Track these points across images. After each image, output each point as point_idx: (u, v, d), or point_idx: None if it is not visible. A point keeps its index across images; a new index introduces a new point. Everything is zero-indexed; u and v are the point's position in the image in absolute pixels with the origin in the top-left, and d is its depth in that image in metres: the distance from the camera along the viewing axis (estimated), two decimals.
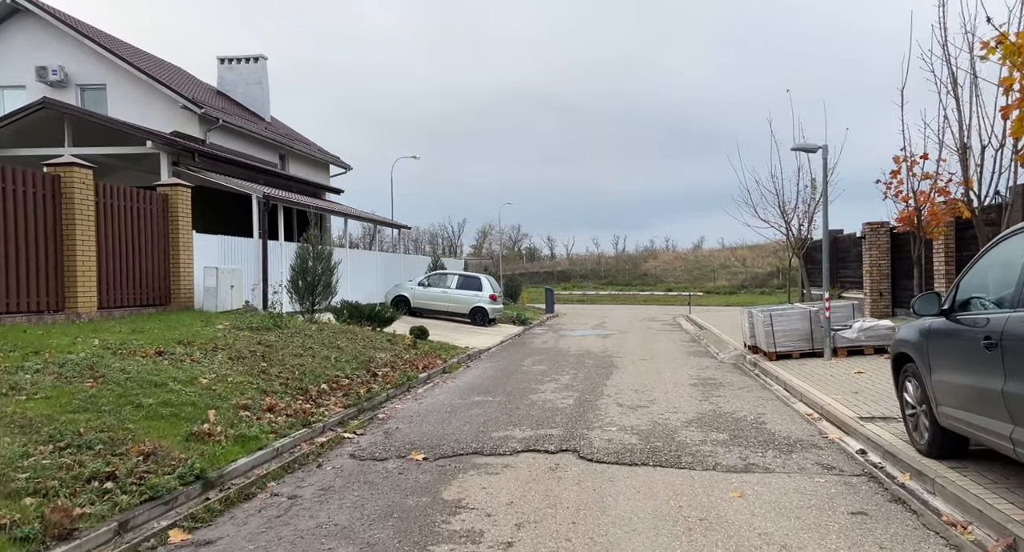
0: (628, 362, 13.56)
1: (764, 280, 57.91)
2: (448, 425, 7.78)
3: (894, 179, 12.26)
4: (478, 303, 21.92)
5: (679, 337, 19.45)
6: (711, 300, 43.11)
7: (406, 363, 11.66)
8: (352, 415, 8.10)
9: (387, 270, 24.88)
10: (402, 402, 9.30)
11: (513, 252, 79.19)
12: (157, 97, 20.32)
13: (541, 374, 11.93)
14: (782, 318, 12.24)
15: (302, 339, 10.73)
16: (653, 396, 9.61)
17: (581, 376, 11.62)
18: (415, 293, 22.26)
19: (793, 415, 8.14)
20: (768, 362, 12.06)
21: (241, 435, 6.11)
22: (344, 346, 11.13)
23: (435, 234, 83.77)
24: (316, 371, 9.17)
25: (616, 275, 64.95)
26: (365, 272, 22.94)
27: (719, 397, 9.46)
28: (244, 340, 9.68)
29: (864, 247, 18.12)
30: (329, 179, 29.82)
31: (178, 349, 8.48)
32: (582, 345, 17.08)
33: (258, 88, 26.61)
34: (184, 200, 13.11)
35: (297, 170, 26.62)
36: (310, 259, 14.36)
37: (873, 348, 11.79)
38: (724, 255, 67.34)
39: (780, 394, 9.60)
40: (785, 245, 58.66)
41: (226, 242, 14.79)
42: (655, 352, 15.43)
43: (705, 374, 11.80)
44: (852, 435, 6.77)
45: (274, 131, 25.53)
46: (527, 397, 9.58)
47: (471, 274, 23.02)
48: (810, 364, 11.45)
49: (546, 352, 15.59)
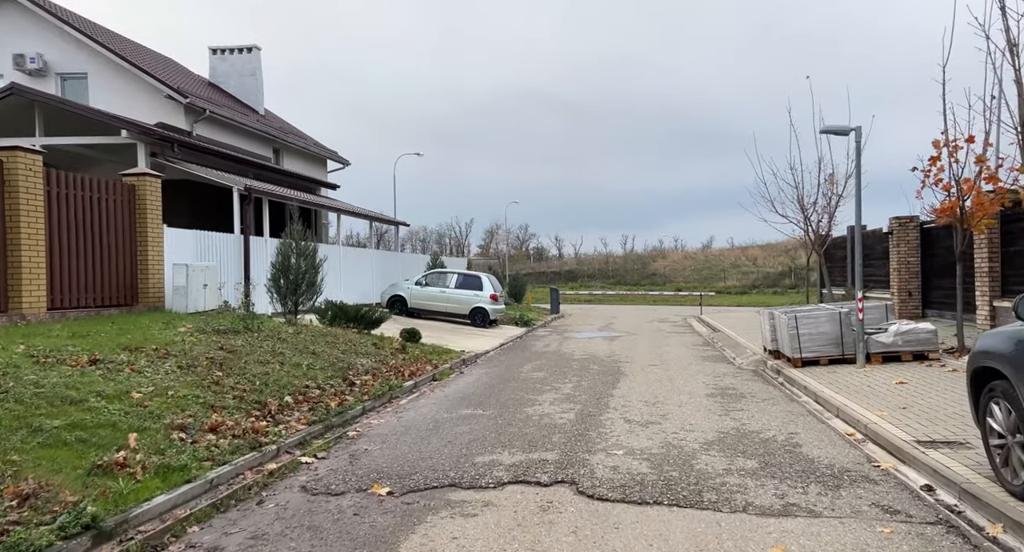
0: (637, 368, 12.40)
1: (776, 280, 56.62)
2: (427, 446, 6.66)
3: (933, 166, 11.03)
4: (478, 303, 20.79)
5: (691, 340, 18.26)
6: (722, 300, 41.84)
7: (391, 370, 10.55)
8: (317, 433, 6.99)
9: (384, 269, 23.79)
10: (380, 416, 8.18)
11: (520, 252, 78.23)
12: (141, 87, 19.32)
13: (540, 382, 10.78)
14: (808, 321, 11.04)
15: (273, 344, 9.63)
16: (665, 409, 8.45)
17: (584, 385, 10.47)
18: (412, 293, 21.16)
19: (831, 435, 6.96)
20: (793, 369, 10.87)
21: (165, 465, 5.01)
22: (321, 351, 10.03)
23: (442, 234, 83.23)
24: (282, 381, 8.07)
25: (624, 275, 63.78)
26: (360, 271, 21.86)
27: (741, 411, 8.29)
28: (204, 345, 8.59)
29: (891, 243, 16.86)
30: (326, 175, 28.79)
31: (120, 356, 7.39)
32: (587, 349, 15.92)
33: (251, 80, 25.60)
34: (153, 191, 12.06)
35: (292, 165, 25.60)
36: (293, 256, 13.27)
37: (911, 354, 10.57)
38: (735, 254, 65.99)
39: (811, 408, 8.41)
40: (801, 243, 57.23)
41: (203, 238, 13.73)
42: (666, 357, 14.25)
43: (723, 383, 10.62)
44: (911, 464, 5.59)
45: (267, 124, 24.51)
46: (522, 410, 8.44)
47: (471, 273, 21.90)
48: (841, 372, 10.25)
49: (548, 357, 14.44)
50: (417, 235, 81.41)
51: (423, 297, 21.11)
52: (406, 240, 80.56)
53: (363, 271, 22.09)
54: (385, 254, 25.75)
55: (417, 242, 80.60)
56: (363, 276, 22.06)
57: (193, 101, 19.16)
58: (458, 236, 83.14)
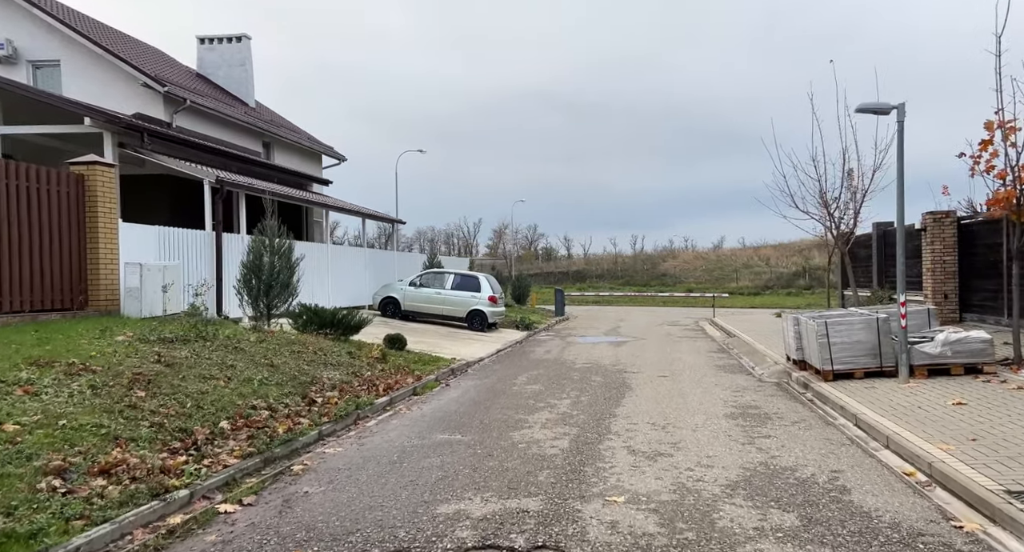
0: (644, 380, 11.07)
1: (789, 280, 55.11)
2: (382, 488, 5.37)
3: (984, 151, 9.63)
4: (476, 306, 19.50)
5: (705, 345, 16.88)
6: (735, 302, 40.34)
7: (364, 383, 9.28)
8: (252, 469, 5.73)
9: (379, 269, 22.55)
10: (339, 443, 6.90)
11: (529, 252, 77.08)
12: (117, 75, 18.17)
13: (535, 397, 9.48)
14: (841, 327, 9.67)
15: (225, 354, 8.38)
16: (677, 435, 7.12)
17: (584, 401, 9.16)
18: (406, 294, 19.90)
19: (886, 476, 5.61)
20: (823, 383, 9.50)
21: (7, 532, 3.74)
22: (281, 363, 8.76)
23: (451, 234, 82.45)
24: (222, 401, 6.81)
25: (634, 275, 62.44)
26: (351, 271, 20.63)
27: (768, 438, 6.95)
28: (138, 357, 7.35)
29: (924, 241, 15.42)
30: (321, 171, 27.60)
31: (21, 374, 6.16)
32: (591, 355, 14.59)
33: (241, 70, 24.44)
34: (106, 182, 10.86)
35: (284, 160, 24.40)
36: (266, 254, 12.03)
37: (962, 367, 9.18)
38: (747, 254, 64.45)
39: (852, 434, 7.06)
40: (817, 243, 55.56)
41: (168, 235, 12.51)
42: (677, 366, 12.90)
43: (743, 399, 9.27)
44: (1006, 526, 4.25)
45: (256, 116, 23.33)
46: (508, 436, 7.14)
47: (468, 273, 20.62)
48: (881, 388, 8.88)
49: (547, 365, 13.13)
50: (425, 235, 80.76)
51: (417, 299, 19.84)
52: (414, 240, 79.75)
53: (354, 271, 20.85)
54: (379, 253, 24.51)
55: (425, 242, 79.89)
56: (355, 277, 20.83)
57: (172, 90, 17.98)
58: (466, 236, 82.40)
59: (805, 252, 60.17)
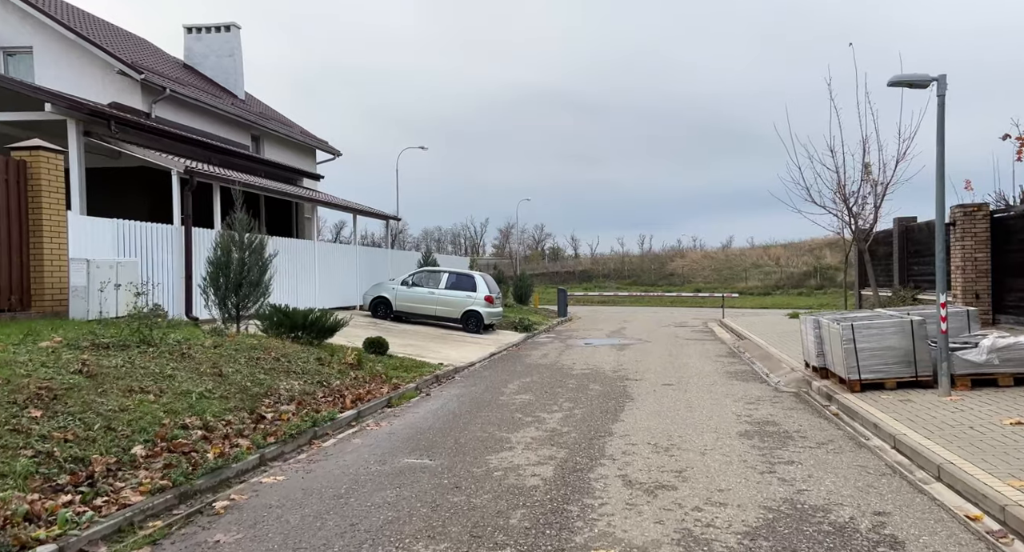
0: (647, 389, 9.97)
1: (800, 280, 53.87)
2: (312, 536, 4.31)
3: None
4: (471, 306, 18.43)
5: (714, 349, 15.75)
6: (744, 302, 39.09)
7: (330, 394, 8.23)
8: (162, 508, 4.68)
9: (371, 267, 21.53)
10: (283, 470, 5.84)
11: (536, 252, 76.21)
12: (92, 62, 17.23)
13: (523, 409, 8.40)
14: (870, 331, 8.54)
15: (167, 363, 7.34)
16: (683, 460, 6.03)
17: (578, 415, 8.07)
18: (398, 294, 18.85)
19: (944, 520, 4.49)
20: (850, 395, 8.38)
21: None
22: (233, 372, 7.71)
23: (457, 234, 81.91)
24: (144, 420, 5.77)
25: (641, 275, 61.31)
26: (341, 270, 19.61)
27: (792, 465, 5.84)
28: (55, 368, 6.32)
29: (953, 236, 14.22)
30: (315, 166, 26.63)
31: None
32: (591, 360, 13.48)
33: (229, 61, 23.48)
34: (53, 169, 9.86)
35: (276, 154, 23.44)
36: (235, 249, 11.01)
37: (1012, 377, 8.03)
38: (756, 254, 63.14)
39: (891, 459, 5.94)
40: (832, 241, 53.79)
41: (127, 229, 11.51)
42: (684, 372, 11.79)
43: (759, 413, 8.15)
44: None
45: (244, 109, 22.35)
46: (483, 460, 6.07)
47: (464, 272, 19.54)
48: (919, 401, 7.74)
49: (542, 371, 12.04)
50: (432, 235, 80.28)
51: (410, 299, 18.79)
52: (420, 240, 79.15)
53: (345, 270, 19.84)
54: (373, 251, 23.49)
55: (432, 242, 79.30)
56: (345, 276, 19.82)
57: (149, 78, 17.01)
58: (473, 236, 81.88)
59: (816, 251, 58.93)
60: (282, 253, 16.37)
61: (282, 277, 16.23)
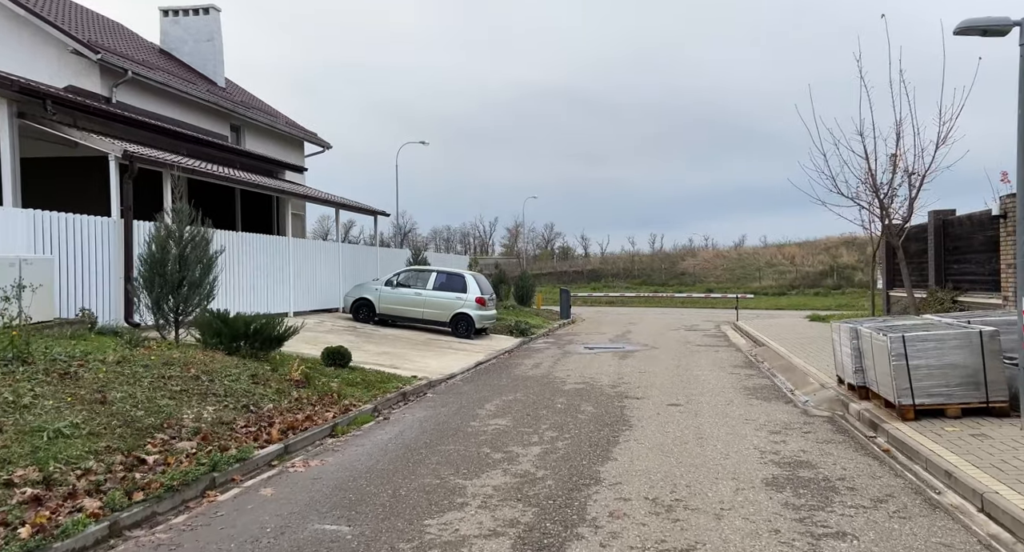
0: (650, 410, 8.32)
1: (816, 280, 51.95)
2: None
3: None
4: (461, 309, 16.83)
5: (728, 357, 14.05)
6: (759, 303, 37.25)
7: (255, 423, 6.66)
8: None
9: (356, 267, 20.00)
10: (137, 546, 4.27)
11: (545, 251, 74.79)
12: (46, 41, 15.76)
13: (493, 441, 6.78)
14: (926, 345, 6.86)
15: (30, 387, 5.79)
16: (692, 528, 4.39)
17: (560, 450, 6.45)
18: (381, 295, 17.27)
19: None
20: (902, 424, 6.71)
21: None
22: (123, 397, 6.14)
23: (466, 233, 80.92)
24: None
25: (651, 274, 59.54)
26: (322, 269, 18.09)
27: (845, 541, 4.18)
28: None
29: (1002, 231, 12.45)
30: (303, 158, 25.14)
31: None
32: (588, 371, 11.85)
33: (209, 46, 22.00)
34: None
35: (259, 145, 21.94)
36: (172, 245, 9.47)
37: None
38: (770, 252, 61.18)
39: (985, 532, 4.26)
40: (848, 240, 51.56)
41: (48, 221, 9.97)
42: (695, 387, 10.13)
43: (788, 447, 6.50)
44: None
45: (222, 96, 20.85)
46: (418, 528, 4.46)
47: (454, 271, 17.93)
48: (997, 436, 6.05)
49: (529, 386, 10.41)
50: (441, 234, 79.41)
51: (394, 301, 17.22)
52: (429, 239, 78.14)
53: (325, 269, 18.32)
54: (357, 249, 21.93)
55: (441, 241, 78.46)
56: (326, 275, 18.30)
57: (107, 58, 15.52)
58: (482, 235, 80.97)
59: (832, 250, 56.99)
60: (249, 250, 14.86)
61: (247, 277, 14.72)
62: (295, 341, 12.53)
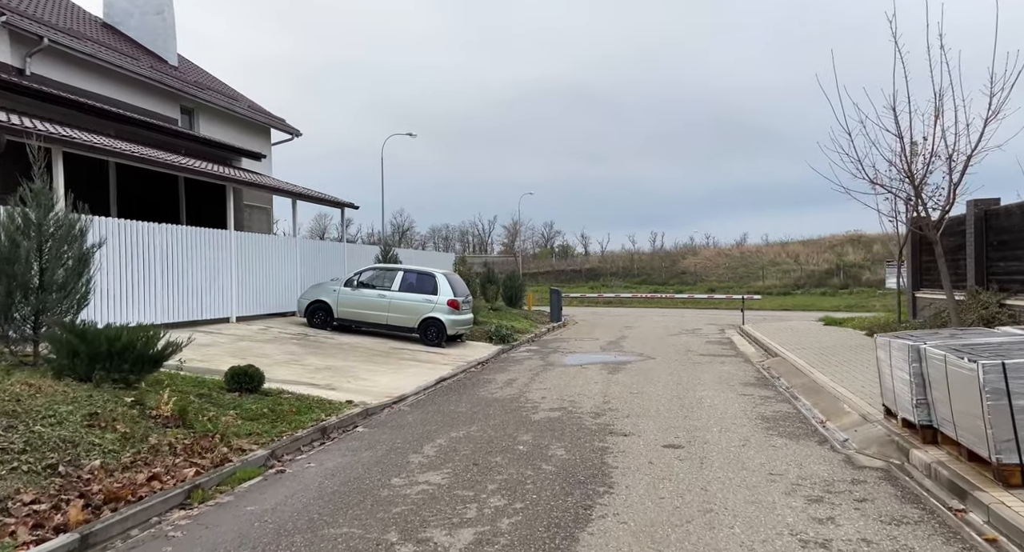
0: (639, 459, 6.19)
1: (822, 279, 49.91)
2: None
3: None
4: (430, 313, 14.70)
5: (738, 373, 11.91)
6: (764, 303, 35.04)
7: (60, 493, 4.52)
8: None
9: (319, 266, 17.91)
10: None
11: (545, 250, 73.08)
12: None
13: (407, 520, 4.65)
14: None
15: None
16: None
17: (503, 535, 4.31)
18: (340, 297, 15.13)
19: None
20: (1004, 493, 4.59)
21: None
22: None
23: (465, 231, 79.64)
24: None
25: (651, 273, 57.53)
26: (274, 267, 15.98)
27: None
28: None
29: None
30: (270, 146, 23.03)
31: None
32: (568, 391, 9.71)
33: (158, 20, 19.85)
34: None
35: (216, 131, 19.82)
36: (22, 237, 7.35)
37: None
38: (774, 251, 59.09)
39: None
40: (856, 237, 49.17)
41: None
42: (699, 417, 7.98)
43: (839, 535, 4.36)
44: None
45: (171, 75, 18.70)
46: None
47: (424, 270, 15.78)
48: None
49: (490, 414, 8.27)
50: (439, 233, 78.29)
51: (355, 303, 15.08)
52: (428, 238, 76.59)
53: (279, 268, 16.21)
54: (320, 245, 19.80)
55: (440, 240, 77.17)
56: (280, 275, 16.19)
57: (14, 21, 13.37)
58: (481, 233, 79.64)
59: (837, 248, 55.01)
60: (174, 245, 12.70)
61: (174, 277, 12.59)
62: (217, 355, 10.45)
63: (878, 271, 49.20)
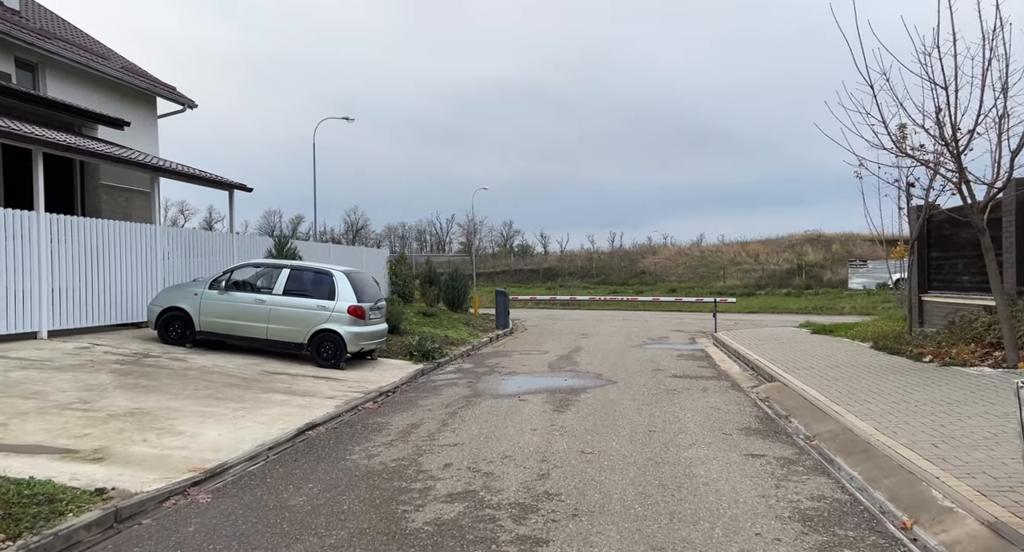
0: None
1: (784, 279, 47.96)
2: None
3: None
4: (325, 324, 11.11)
5: (729, 406, 8.66)
6: (731, 305, 32.25)
7: None
8: None
9: (193, 263, 14.12)
10: None
11: (504, 249, 70.29)
12: None
13: None
14: None
15: None
16: None
17: None
18: (204, 304, 11.40)
19: None
20: None
21: None
22: None
23: (423, 230, 76.74)
24: None
25: (610, 273, 54.89)
26: (124, 264, 12.16)
27: None
28: None
29: None
30: (156, 118, 19.02)
31: None
32: (488, 451, 6.29)
33: None
34: None
35: (76, 95, 15.77)
36: None
37: None
38: (733, 250, 57.13)
39: None
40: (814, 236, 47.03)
41: None
42: (694, 524, 4.65)
43: None
44: None
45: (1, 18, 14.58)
46: None
47: (317, 267, 12.14)
48: None
49: (339, 516, 4.78)
50: (396, 232, 75.99)
51: (224, 312, 11.36)
52: (383, 237, 73.02)
53: (134, 265, 12.39)
54: (194, 235, 15.82)
55: (396, 239, 74.14)
56: (136, 273, 12.38)
57: None
58: (439, 233, 76.92)
59: (797, 247, 53.52)
60: None
61: None
62: None
63: (839, 271, 47.44)
